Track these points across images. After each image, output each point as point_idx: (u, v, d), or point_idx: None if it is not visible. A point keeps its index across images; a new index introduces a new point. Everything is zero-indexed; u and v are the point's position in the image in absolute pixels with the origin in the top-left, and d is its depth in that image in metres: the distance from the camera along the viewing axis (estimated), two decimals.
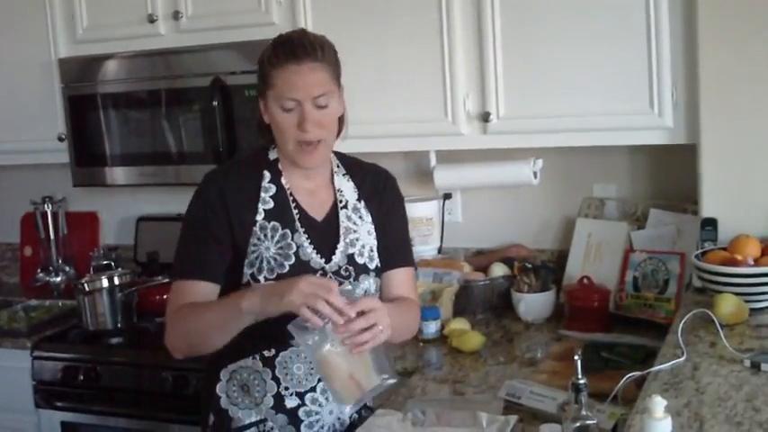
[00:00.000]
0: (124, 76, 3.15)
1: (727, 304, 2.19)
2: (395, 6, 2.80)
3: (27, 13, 3.30)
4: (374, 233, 2.17)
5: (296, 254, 2.06)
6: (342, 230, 2.12)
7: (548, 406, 2.04)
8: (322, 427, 2.11)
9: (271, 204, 2.07)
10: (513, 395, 2.13)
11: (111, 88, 3.18)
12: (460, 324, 2.75)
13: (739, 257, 2.31)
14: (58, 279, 3.70)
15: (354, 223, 2.15)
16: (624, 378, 1.98)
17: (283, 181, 2.10)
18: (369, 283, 2.14)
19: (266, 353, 2.08)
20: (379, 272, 2.16)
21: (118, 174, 3.23)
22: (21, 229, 3.89)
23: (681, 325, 2.11)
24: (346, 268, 2.11)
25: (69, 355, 3.03)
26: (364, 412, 2.18)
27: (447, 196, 3.18)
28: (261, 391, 2.09)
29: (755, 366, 1.87)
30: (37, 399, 3.07)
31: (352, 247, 2.12)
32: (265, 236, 2.05)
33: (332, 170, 2.17)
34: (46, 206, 3.70)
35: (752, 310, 2.23)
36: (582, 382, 1.76)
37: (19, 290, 3.82)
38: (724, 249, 2.41)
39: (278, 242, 2.05)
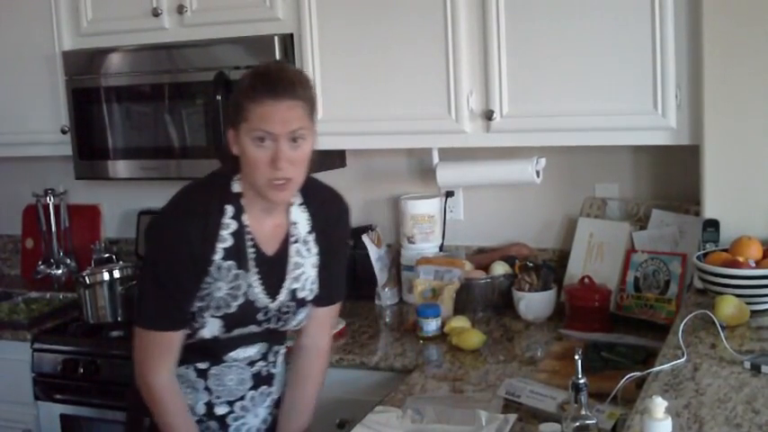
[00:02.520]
0: (128, 69, 3.15)
1: (728, 306, 2.19)
2: (400, 3, 2.80)
3: (32, 5, 3.30)
4: (318, 265, 2.17)
5: (245, 294, 2.06)
6: (290, 266, 2.12)
7: (547, 405, 2.04)
8: (249, 430, 2.20)
9: (229, 242, 2.03)
10: (512, 394, 2.13)
11: (114, 81, 3.18)
12: (461, 322, 2.75)
13: (741, 259, 2.31)
14: (59, 272, 3.70)
15: (302, 257, 2.14)
16: (624, 378, 1.98)
17: (244, 218, 2.05)
18: (305, 313, 2.18)
19: (200, 365, 2.13)
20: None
21: (120, 167, 3.23)
22: (22, 221, 3.89)
23: (681, 326, 2.11)
24: (288, 305, 2.13)
25: (69, 347, 3.03)
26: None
27: (449, 194, 3.18)
28: (193, 398, 2.14)
29: (756, 368, 1.87)
30: (36, 391, 3.07)
31: (296, 282, 2.13)
32: (220, 276, 2.03)
33: (289, 201, 2.12)
34: (48, 198, 3.70)
35: (753, 311, 2.23)
36: (582, 381, 1.76)
37: (20, 282, 3.82)
38: (725, 251, 2.41)
39: (231, 282, 2.04)
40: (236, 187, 2.05)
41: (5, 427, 3.14)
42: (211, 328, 2.06)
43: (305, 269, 2.14)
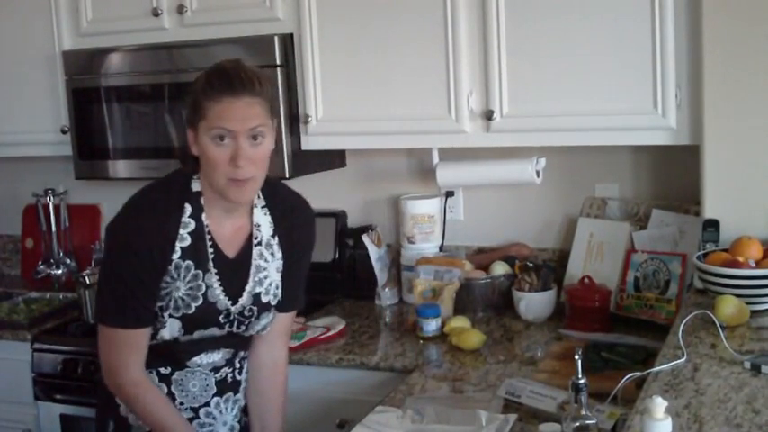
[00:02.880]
0: (128, 69, 3.15)
1: (728, 306, 2.19)
2: (400, 4, 2.80)
3: (32, 5, 3.30)
4: (281, 269, 2.16)
5: (204, 294, 2.04)
6: (252, 269, 2.11)
7: (547, 405, 2.04)
8: None
9: (187, 241, 2.01)
10: (512, 394, 2.13)
11: (114, 81, 3.18)
12: (461, 322, 2.75)
13: (741, 259, 2.31)
14: (59, 272, 3.70)
15: (266, 260, 2.12)
16: (624, 378, 1.98)
17: (203, 217, 2.04)
18: (268, 318, 2.17)
19: (162, 370, 2.12)
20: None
21: (120, 167, 3.23)
22: (22, 221, 3.89)
23: (681, 326, 2.11)
24: (250, 309, 2.11)
25: (69, 347, 3.03)
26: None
27: (449, 194, 3.18)
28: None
29: (756, 368, 1.87)
30: (36, 391, 3.08)
31: (259, 285, 2.11)
32: (178, 275, 2.02)
33: (252, 203, 2.11)
34: (48, 198, 3.70)
35: (753, 311, 2.23)
36: (582, 381, 1.76)
37: (20, 282, 3.82)
38: (726, 251, 2.41)
39: (189, 282, 2.03)
40: (196, 186, 2.04)
41: (5, 427, 3.14)
42: (171, 328, 2.04)
43: (269, 273, 2.13)
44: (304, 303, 2.29)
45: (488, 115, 2.73)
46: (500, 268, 2.97)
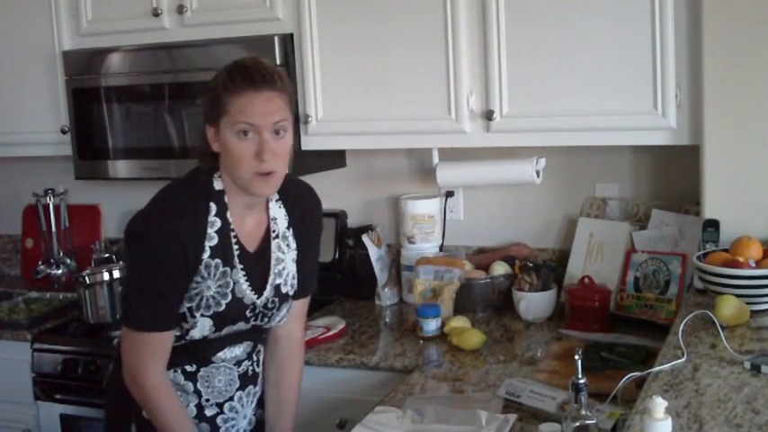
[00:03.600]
0: (128, 69, 3.15)
1: (728, 306, 2.19)
2: (400, 3, 2.80)
3: (32, 5, 3.30)
4: (296, 259, 2.19)
5: (232, 291, 2.07)
6: (273, 262, 2.13)
7: (547, 405, 2.04)
8: (238, 431, 2.21)
9: (215, 240, 2.03)
10: (512, 394, 2.13)
11: (114, 81, 3.18)
12: (461, 322, 2.75)
13: (741, 259, 2.31)
14: (59, 272, 3.70)
15: (283, 252, 2.16)
16: (624, 378, 1.98)
17: (228, 215, 2.05)
18: (287, 308, 2.21)
19: (188, 368, 2.13)
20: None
21: (120, 167, 3.23)
22: (22, 221, 3.89)
23: (681, 326, 2.11)
24: (272, 300, 2.15)
25: (69, 347, 3.03)
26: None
27: (449, 194, 3.18)
28: (183, 401, 2.14)
29: (755, 368, 1.87)
30: (36, 391, 3.07)
31: (279, 277, 2.15)
32: (209, 274, 2.03)
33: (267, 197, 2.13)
34: (48, 198, 3.69)
35: (753, 311, 2.23)
36: (582, 381, 1.76)
37: (20, 282, 3.82)
38: (726, 251, 2.41)
39: (218, 280, 2.05)
40: (218, 184, 2.05)
41: (5, 427, 3.14)
42: (202, 327, 2.06)
43: (286, 264, 2.16)
44: (317, 287, 2.32)
45: (488, 115, 2.73)
46: (500, 268, 2.97)
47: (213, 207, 2.04)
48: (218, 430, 2.18)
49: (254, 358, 2.23)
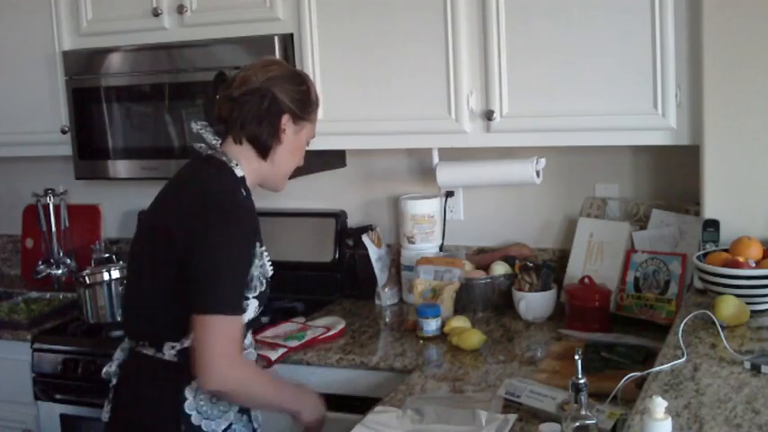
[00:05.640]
0: (128, 69, 3.15)
1: (728, 306, 2.19)
2: (400, 4, 2.80)
3: (32, 5, 3.30)
4: None
5: (265, 269, 2.14)
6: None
7: (547, 405, 2.04)
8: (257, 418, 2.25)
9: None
10: (512, 394, 2.13)
11: (114, 81, 3.18)
12: (461, 322, 2.75)
13: (741, 259, 2.31)
14: (59, 271, 3.70)
15: None
16: (624, 378, 1.98)
17: (252, 198, 2.17)
18: None
19: None
20: None
21: (120, 167, 3.23)
22: (22, 220, 3.89)
23: (681, 326, 2.11)
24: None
25: (69, 347, 3.03)
26: None
27: (449, 194, 3.18)
28: None
29: (755, 368, 1.87)
30: (36, 391, 3.07)
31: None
32: (258, 255, 2.10)
33: None
34: (48, 198, 3.69)
35: (753, 312, 2.23)
36: (582, 381, 1.76)
37: (20, 282, 3.82)
38: (726, 251, 2.41)
39: (260, 259, 2.11)
40: (239, 171, 2.14)
41: (5, 427, 3.15)
42: (251, 309, 2.11)
43: None
44: None
45: (488, 115, 2.73)
46: (500, 268, 2.97)
47: (243, 191, 2.13)
48: (252, 420, 2.20)
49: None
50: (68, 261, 3.72)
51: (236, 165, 2.13)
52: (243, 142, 2.15)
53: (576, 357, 1.79)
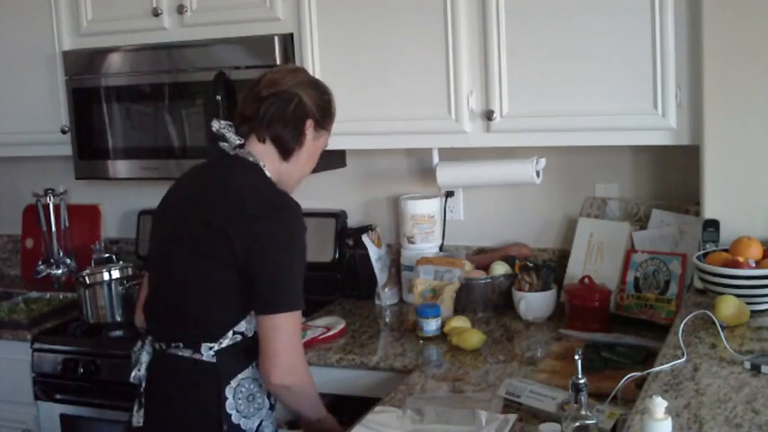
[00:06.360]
0: (128, 69, 3.15)
1: (728, 306, 2.19)
2: (400, 3, 2.80)
3: (32, 5, 3.30)
4: None
5: None
6: None
7: (547, 405, 2.04)
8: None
9: None
10: (512, 394, 2.13)
11: (114, 81, 3.18)
12: (461, 322, 2.75)
13: (741, 259, 2.31)
14: (59, 271, 3.70)
15: None
16: (624, 378, 1.98)
17: None
18: None
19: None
20: None
21: (120, 167, 3.23)
22: (22, 220, 3.90)
23: (681, 326, 2.11)
24: None
25: (69, 347, 3.03)
26: None
27: (449, 194, 3.18)
28: (262, 394, 2.17)
29: (756, 368, 1.87)
30: (36, 391, 3.07)
31: None
32: None
33: None
34: (48, 198, 3.69)
35: (753, 311, 2.23)
36: (582, 381, 1.76)
37: (20, 282, 3.82)
38: (726, 251, 2.41)
39: None
40: (267, 172, 2.19)
41: (5, 427, 3.15)
42: None
43: None
44: None
45: (488, 115, 2.73)
46: (500, 268, 2.97)
47: None
48: (273, 410, 2.24)
49: None
50: (68, 261, 3.72)
51: (264, 165, 2.18)
52: (266, 141, 2.18)
53: (576, 357, 1.79)
